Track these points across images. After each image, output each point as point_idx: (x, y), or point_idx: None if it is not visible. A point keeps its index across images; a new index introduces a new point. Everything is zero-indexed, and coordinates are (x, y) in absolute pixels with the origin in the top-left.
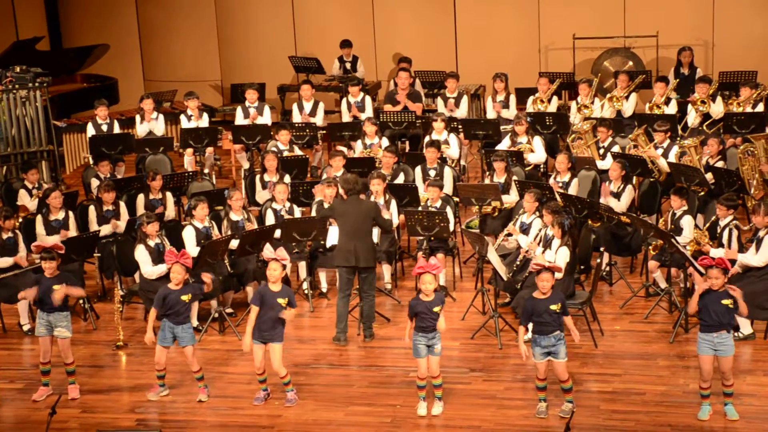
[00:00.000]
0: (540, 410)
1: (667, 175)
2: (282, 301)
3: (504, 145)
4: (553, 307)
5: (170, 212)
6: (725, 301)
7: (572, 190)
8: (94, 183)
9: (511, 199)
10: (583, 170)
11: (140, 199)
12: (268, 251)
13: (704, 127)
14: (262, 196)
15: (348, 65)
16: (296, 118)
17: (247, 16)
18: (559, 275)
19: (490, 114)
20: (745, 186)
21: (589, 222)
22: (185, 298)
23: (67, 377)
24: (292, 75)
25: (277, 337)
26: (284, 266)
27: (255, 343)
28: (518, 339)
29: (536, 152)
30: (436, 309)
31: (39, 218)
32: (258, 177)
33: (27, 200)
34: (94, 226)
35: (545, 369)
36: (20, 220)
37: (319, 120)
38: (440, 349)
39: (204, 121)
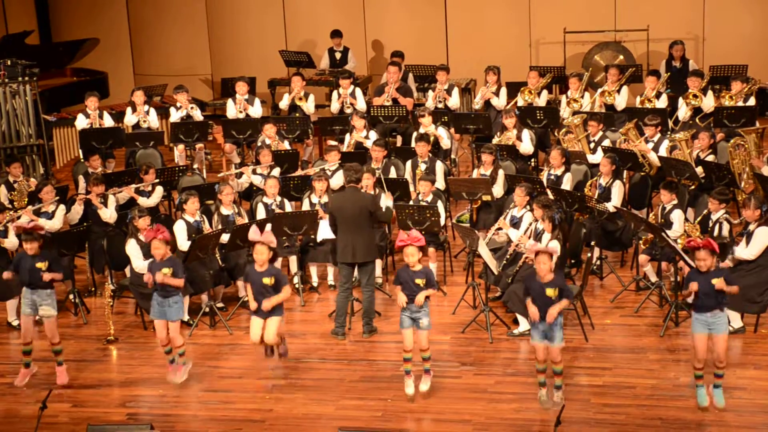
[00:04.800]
0: (542, 400)
1: (658, 169)
2: (267, 280)
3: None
4: (549, 292)
5: (154, 200)
6: (715, 280)
7: (566, 185)
8: (82, 182)
9: (495, 191)
10: (573, 164)
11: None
12: (253, 233)
13: (697, 120)
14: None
15: (338, 55)
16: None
17: (237, 10)
18: (556, 257)
19: (477, 100)
20: (735, 180)
21: (577, 215)
22: (166, 271)
23: (54, 358)
24: (282, 69)
25: (275, 312)
26: (270, 248)
27: (253, 317)
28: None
29: (524, 143)
30: (418, 281)
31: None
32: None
33: (3, 195)
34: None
35: (544, 351)
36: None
37: (310, 108)
38: (427, 323)
39: (197, 114)
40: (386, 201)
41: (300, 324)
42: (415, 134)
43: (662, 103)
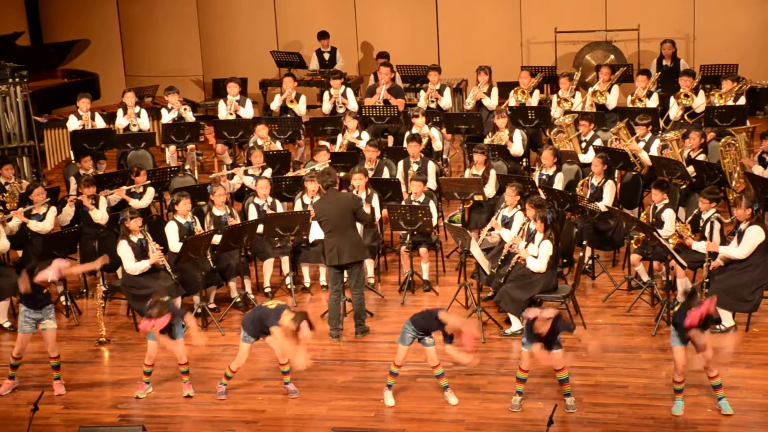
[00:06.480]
0: (514, 404)
1: (649, 169)
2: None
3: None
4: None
5: (145, 202)
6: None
7: (558, 184)
8: (73, 183)
9: (487, 192)
10: (565, 164)
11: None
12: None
13: (686, 117)
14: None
15: (326, 56)
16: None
17: (228, 11)
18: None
19: (468, 101)
20: (726, 179)
21: (568, 215)
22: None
23: (52, 372)
24: (274, 70)
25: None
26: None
27: (244, 342)
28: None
29: (514, 144)
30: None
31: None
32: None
33: None
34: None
35: (531, 360)
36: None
37: (301, 110)
38: (432, 339)
39: (190, 115)
40: (376, 210)
41: None
42: (407, 134)
43: (653, 102)
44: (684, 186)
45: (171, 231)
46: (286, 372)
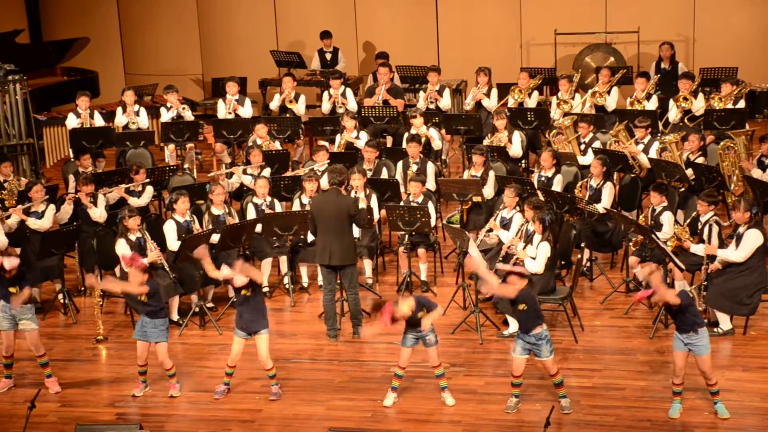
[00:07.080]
0: (510, 405)
1: (648, 171)
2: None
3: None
4: (521, 306)
5: (144, 200)
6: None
7: (557, 186)
8: (72, 181)
9: (486, 193)
10: (564, 165)
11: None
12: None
13: (686, 121)
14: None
15: (328, 56)
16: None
17: (228, 10)
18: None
19: (468, 102)
20: (725, 182)
21: (567, 217)
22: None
23: (42, 370)
24: (273, 70)
25: (262, 325)
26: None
27: (236, 336)
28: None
29: (513, 146)
30: (419, 314)
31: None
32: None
33: None
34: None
35: (522, 366)
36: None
37: (300, 110)
38: (435, 339)
39: (189, 114)
40: (375, 211)
41: (290, 324)
42: (406, 135)
43: (652, 104)
44: (683, 189)
45: (169, 230)
46: (272, 376)
